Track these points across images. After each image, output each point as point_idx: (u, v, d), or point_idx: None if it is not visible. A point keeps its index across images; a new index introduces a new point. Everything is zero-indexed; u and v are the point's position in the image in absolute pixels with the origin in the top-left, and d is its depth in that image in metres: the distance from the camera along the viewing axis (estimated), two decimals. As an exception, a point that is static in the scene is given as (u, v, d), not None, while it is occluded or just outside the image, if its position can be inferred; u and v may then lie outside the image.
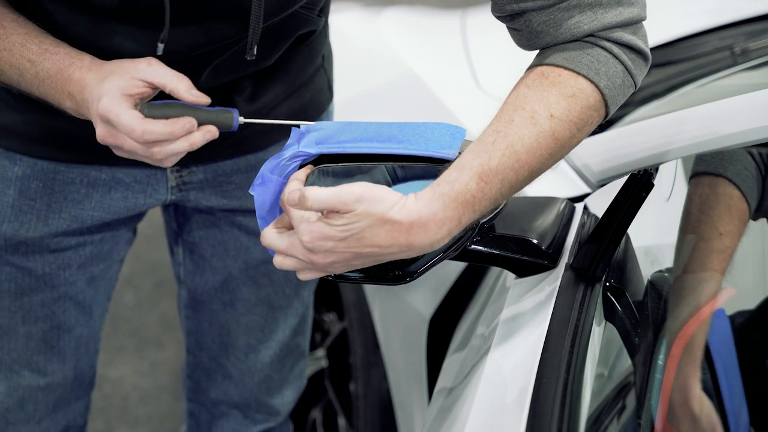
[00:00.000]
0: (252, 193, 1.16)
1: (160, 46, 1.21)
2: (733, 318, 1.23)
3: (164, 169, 1.44)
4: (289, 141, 1.16)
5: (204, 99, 1.17)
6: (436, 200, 1.04)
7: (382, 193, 1.04)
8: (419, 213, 1.04)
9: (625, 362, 1.21)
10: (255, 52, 1.23)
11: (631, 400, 1.15)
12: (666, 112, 1.49)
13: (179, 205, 1.54)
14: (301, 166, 1.15)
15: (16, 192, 1.40)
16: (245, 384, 1.68)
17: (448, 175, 1.06)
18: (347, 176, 1.16)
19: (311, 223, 1.04)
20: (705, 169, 1.33)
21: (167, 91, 1.17)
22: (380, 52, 2.12)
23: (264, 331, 1.64)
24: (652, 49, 1.15)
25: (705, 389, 1.15)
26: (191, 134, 1.15)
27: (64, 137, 1.37)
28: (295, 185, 1.10)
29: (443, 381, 1.37)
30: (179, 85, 1.16)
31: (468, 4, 2.29)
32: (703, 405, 1.13)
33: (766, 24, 1.90)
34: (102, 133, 1.16)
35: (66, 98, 1.20)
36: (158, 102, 1.17)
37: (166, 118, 1.15)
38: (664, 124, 1.43)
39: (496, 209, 1.23)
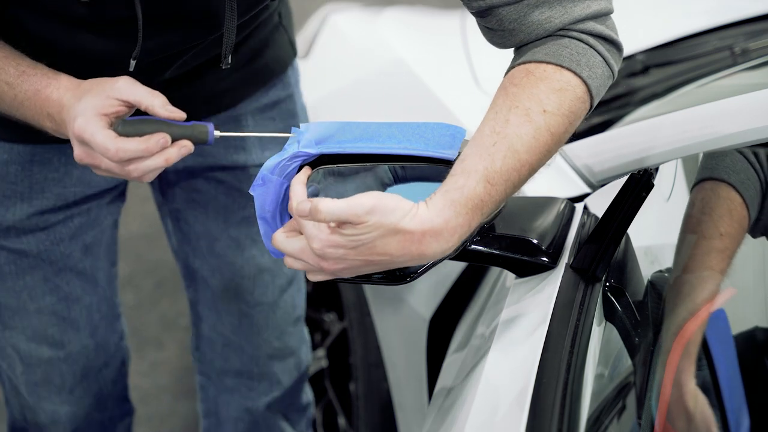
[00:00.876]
0: (252, 194, 1.16)
1: (132, 63, 1.23)
2: (733, 318, 1.23)
3: None
4: (289, 141, 1.16)
5: (179, 114, 1.18)
6: (448, 208, 1.04)
7: (393, 203, 1.04)
8: (432, 222, 1.04)
9: (625, 362, 1.21)
10: (230, 61, 1.25)
11: (631, 400, 1.15)
12: (666, 112, 1.49)
13: (162, 174, 1.57)
14: (301, 166, 1.15)
15: None
16: (245, 350, 1.72)
17: (455, 182, 1.06)
18: (351, 174, 1.16)
19: (322, 231, 1.05)
20: (709, 175, 1.33)
21: (142, 108, 1.18)
22: (380, 52, 2.12)
23: (254, 294, 1.66)
24: (652, 49, 1.15)
25: (705, 388, 1.15)
26: (166, 150, 1.16)
27: None
28: (300, 190, 1.10)
29: (443, 381, 1.37)
30: (154, 101, 1.17)
31: (468, 4, 2.29)
32: (697, 401, 1.13)
33: (766, 24, 1.90)
34: (79, 154, 1.18)
35: (45, 119, 1.21)
36: (132, 118, 1.18)
37: (141, 134, 1.16)
38: (664, 124, 1.43)
39: (496, 209, 1.23)
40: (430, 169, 1.13)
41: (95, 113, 1.16)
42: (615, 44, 1.18)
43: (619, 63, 1.19)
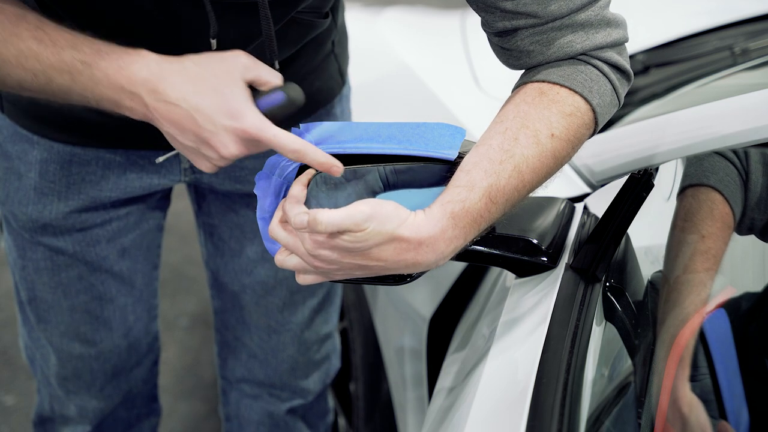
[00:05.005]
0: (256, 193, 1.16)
1: (213, 42, 1.18)
2: (732, 317, 1.23)
3: (178, 153, 1.38)
4: (289, 141, 1.15)
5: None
6: (446, 219, 1.04)
7: (391, 210, 1.03)
8: (429, 232, 1.03)
9: (625, 362, 1.21)
10: (277, 68, 1.18)
11: (631, 400, 1.15)
12: (666, 112, 1.49)
13: (197, 186, 1.57)
14: (300, 167, 1.15)
15: (36, 175, 1.44)
16: (269, 363, 1.72)
17: (458, 193, 1.06)
18: (341, 183, 1.15)
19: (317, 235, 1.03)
20: (689, 182, 1.34)
21: (262, 86, 1.12)
22: (380, 52, 2.12)
23: (283, 313, 1.67)
24: (652, 49, 1.15)
25: (704, 389, 1.15)
26: None
27: (79, 122, 1.39)
28: (299, 191, 1.09)
29: (443, 381, 1.37)
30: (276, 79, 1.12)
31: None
32: (692, 406, 1.13)
33: (766, 24, 1.90)
34: (240, 149, 1.11)
35: (126, 98, 1.11)
36: None
37: None
38: (665, 124, 1.43)
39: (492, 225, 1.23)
40: (422, 174, 1.13)
41: (254, 106, 1.10)
42: (626, 74, 1.18)
43: (625, 92, 1.19)
